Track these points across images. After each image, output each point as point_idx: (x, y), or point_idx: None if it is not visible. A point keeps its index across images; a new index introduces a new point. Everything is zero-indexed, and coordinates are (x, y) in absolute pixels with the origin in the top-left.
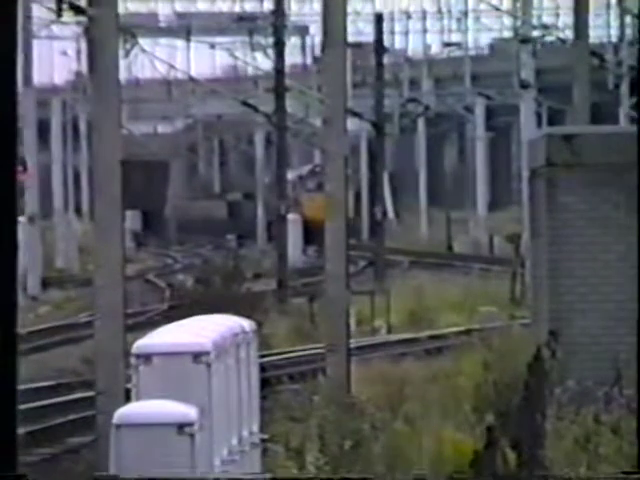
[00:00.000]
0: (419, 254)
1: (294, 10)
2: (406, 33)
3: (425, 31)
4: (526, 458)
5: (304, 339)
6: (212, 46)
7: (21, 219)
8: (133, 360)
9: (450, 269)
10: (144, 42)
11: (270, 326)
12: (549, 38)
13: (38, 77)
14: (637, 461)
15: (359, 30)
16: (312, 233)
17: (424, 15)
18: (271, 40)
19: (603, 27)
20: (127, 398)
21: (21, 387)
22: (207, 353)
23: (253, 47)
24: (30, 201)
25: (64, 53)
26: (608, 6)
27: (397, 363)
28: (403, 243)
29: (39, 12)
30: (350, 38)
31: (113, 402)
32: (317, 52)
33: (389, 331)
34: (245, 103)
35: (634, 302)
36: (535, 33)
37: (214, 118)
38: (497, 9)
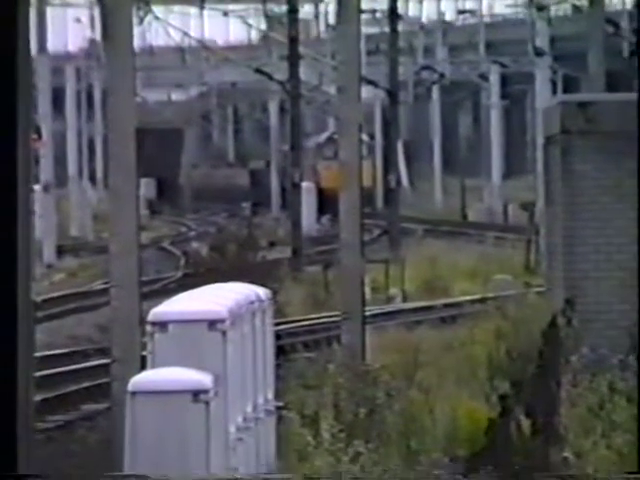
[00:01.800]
0: (434, 222)
1: None
2: (420, 0)
3: None
4: (540, 426)
5: (319, 307)
6: (225, 13)
7: (36, 187)
8: (148, 327)
9: (465, 237)
10: (157, 9)
11: (285, 294)
12: (564, 5)
13: (52, 44)
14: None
15: None
16: (327, 202)
17: None
18: (285, 8)
19: None
20: (142, 365)
21: (36, 354)
22: (222, 321)
23: (267, 14)
24: (45, 169)
25: (78, 20)
26: None
27: (412, 331)
28: (417, 211)
29: None
30: (364, 5)
31: (128, 369)
32: (331, 20)
33: (404, 299)
34: (259, 71)
35: None
36: (550, 0)
37: (228, 86)
38: None
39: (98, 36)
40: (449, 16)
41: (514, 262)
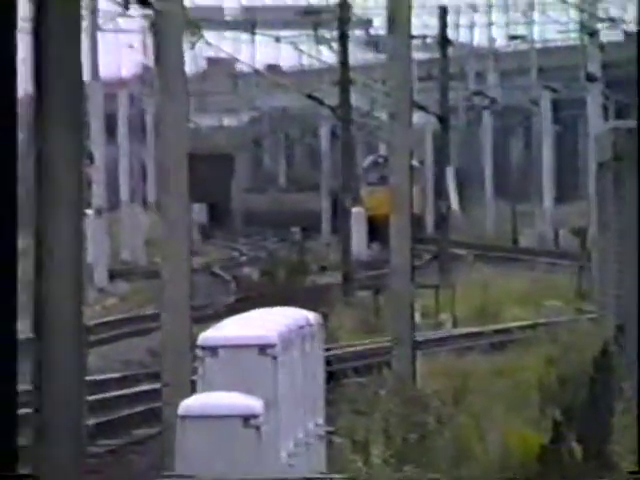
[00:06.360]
0: (484, 247)
1: (359, 3)
2: (471, 26)
3: (491, 24)
4: (593, 453)
5: (369, 332)
6: (277, 39)
7: (88, 212)
8: (199, 352)
9: (515, 263)
10: (210, 35)
11: (335, 319)
12: (616, 31)
13: (105, 70)
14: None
15: (424, 23)
16: (374, 228)
17: (490, 8)
18: (336, 33)
19: None
20: (193, 390)
21: (88, 379)
22: (273, 345)
23: (318, 40)
24: (97, 194)
25: (130, 46)
26: None
27: (462, 357)
28: (468, 236)
29: (105, 5)
30: (415, 31)
31: (179, 394)
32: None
33: (454, 325)
34: (310, 96)
35: None
36: (602, 26)
37: (279, 111)
38: (564, 2)
39: (151, 61)
40: (500, 42)
41: (565, 288)
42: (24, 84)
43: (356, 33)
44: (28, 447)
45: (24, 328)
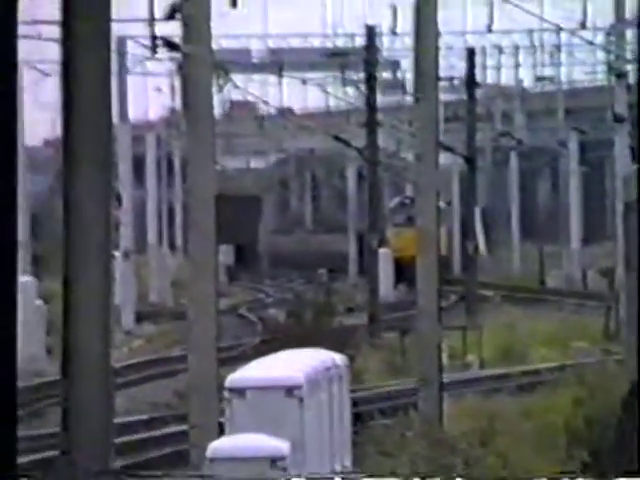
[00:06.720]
0: (511, 289)
1: (385, 45)
2: (498, 67)
3: (517, 65)
4: None
5: (396, 374)
6: (304, 81)
7: (116, 254)
8: (226, 394)
9: (543, 304)
10: (237, 78)
11: (362, 360)
12: None
13: (133, 113)
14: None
15: (451, 64)
16: (400, 269)
17: (516, 49)
18: (362, 75)
19: None
20: (220, 432)
21: (115, 421)
22: (299, 387)
23: (345, 82)
24: (125, 236)
25: (158, 89)
26: None
27: (490, 398)
28: (495, 277)
29: (133, 49)
30: (441, 73)
31: (206, 436)
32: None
33: (481, 366)
34: (337, 138)
35: None
36: (629, 67)
37: (306, 153)
38: (591, 43)
39: (178, 104)
40: (527, 83)
41: (593, 329)
42: (53, 126)
43: (383, 75)
44: None
45: (54, 370)
